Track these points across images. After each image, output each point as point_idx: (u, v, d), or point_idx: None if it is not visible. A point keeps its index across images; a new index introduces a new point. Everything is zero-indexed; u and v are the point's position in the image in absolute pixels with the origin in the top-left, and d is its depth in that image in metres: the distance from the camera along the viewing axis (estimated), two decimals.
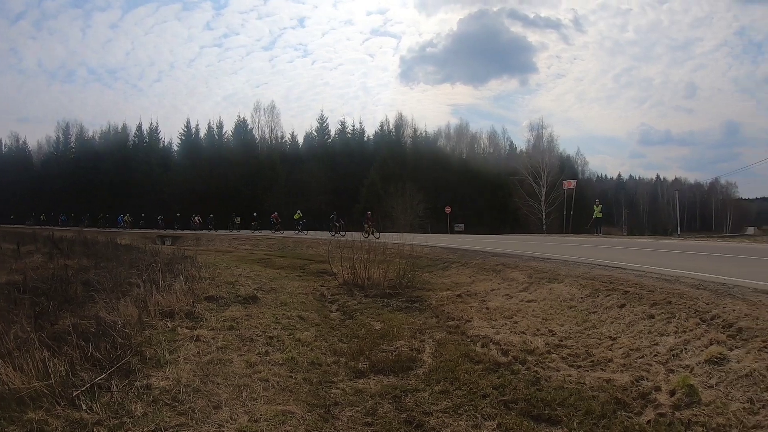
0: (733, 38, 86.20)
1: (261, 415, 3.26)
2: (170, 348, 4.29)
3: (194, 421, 3.08)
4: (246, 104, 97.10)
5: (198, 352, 4.29)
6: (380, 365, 4.55)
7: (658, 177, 65.78)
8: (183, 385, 3.52)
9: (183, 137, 49.90)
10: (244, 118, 49.66)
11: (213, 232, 29.88)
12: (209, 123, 50.10)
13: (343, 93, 77.40)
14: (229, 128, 49.78)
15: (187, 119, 50.37)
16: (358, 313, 6.80)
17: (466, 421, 3.45)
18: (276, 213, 27.78)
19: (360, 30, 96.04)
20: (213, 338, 4.74)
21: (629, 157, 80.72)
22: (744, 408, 3.26)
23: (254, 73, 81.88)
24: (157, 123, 51.41)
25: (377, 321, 6.33)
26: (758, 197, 69.52)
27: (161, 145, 51.35)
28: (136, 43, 79.70)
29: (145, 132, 50.47)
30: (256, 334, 5.10)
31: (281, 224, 27.12)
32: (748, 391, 3.40)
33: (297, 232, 24.79)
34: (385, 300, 7.54)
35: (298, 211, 27.11)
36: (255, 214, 30.49)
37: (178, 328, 4.97)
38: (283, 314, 6.14)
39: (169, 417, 3.08)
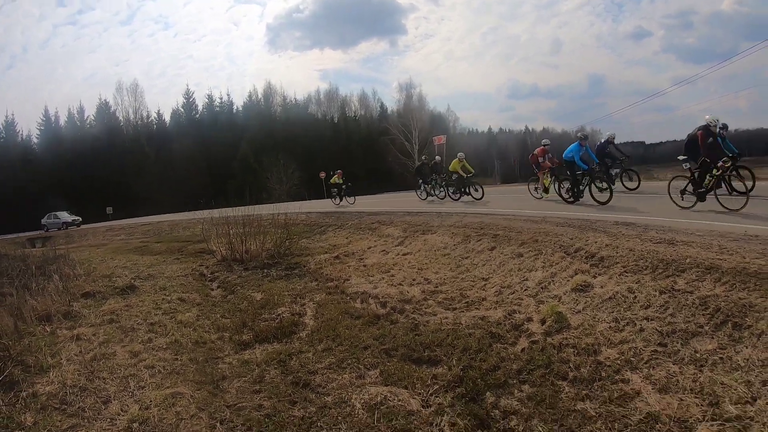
0: None
1: (151, 401, 3.18)
2: (51, 352, 4.14)
3: (85, 420, 3.00)
4: (107, 84, 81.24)
5: (80, 351, 4.12)
6: (264, 334, 4.49)
7: (527, 128, 65.27)
8: (69, 386, 3.43)
9: (42, 127, 44.71)
10: (106, 100, 45.99)
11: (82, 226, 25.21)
12: (69, 109, 45.46)
13: (209, 66, 69.00)
14: (91, 112, 45.68)
15: (45, 107, 45.20)
16: (239, 287, 6.61)
17: (350, 373, 3.48)
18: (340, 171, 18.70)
19: None
20: (94, 334, 4.58)
21: (499, 111, 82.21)
22: (610, 327, 3.48)
23: (113, 50, 66.73)
24: (12, 115, 43.94)
25: (258, 292, 6.19)
26: (620, 142, 77.77)
27: (20, 138, 44.28)
28: None
29: (0, 127, 43.30)
30: (137, 323, 4.95)
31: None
32: (612, 312, 3.64)
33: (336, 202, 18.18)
34: (265, 270, 7.42)
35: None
36: (109, 208, 25.95)
37: (57, 330, 4.78)
38: (163, 299, 6.02)
39: (60, 421, 3.00)
